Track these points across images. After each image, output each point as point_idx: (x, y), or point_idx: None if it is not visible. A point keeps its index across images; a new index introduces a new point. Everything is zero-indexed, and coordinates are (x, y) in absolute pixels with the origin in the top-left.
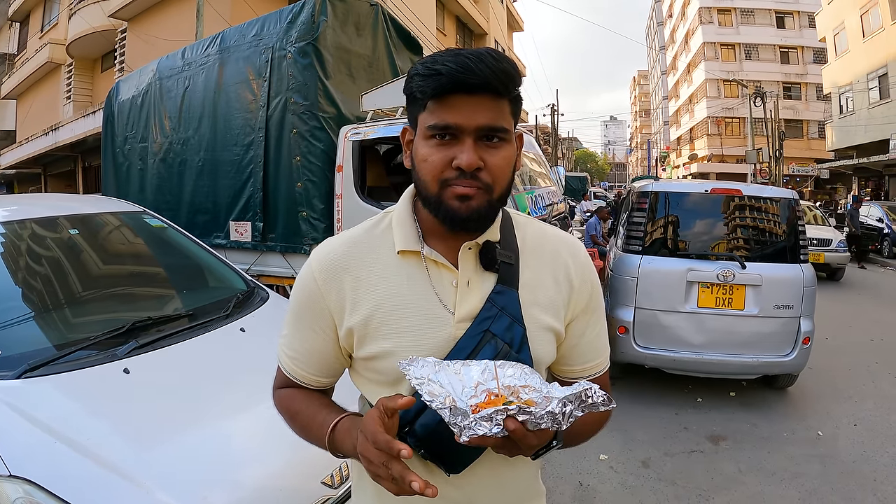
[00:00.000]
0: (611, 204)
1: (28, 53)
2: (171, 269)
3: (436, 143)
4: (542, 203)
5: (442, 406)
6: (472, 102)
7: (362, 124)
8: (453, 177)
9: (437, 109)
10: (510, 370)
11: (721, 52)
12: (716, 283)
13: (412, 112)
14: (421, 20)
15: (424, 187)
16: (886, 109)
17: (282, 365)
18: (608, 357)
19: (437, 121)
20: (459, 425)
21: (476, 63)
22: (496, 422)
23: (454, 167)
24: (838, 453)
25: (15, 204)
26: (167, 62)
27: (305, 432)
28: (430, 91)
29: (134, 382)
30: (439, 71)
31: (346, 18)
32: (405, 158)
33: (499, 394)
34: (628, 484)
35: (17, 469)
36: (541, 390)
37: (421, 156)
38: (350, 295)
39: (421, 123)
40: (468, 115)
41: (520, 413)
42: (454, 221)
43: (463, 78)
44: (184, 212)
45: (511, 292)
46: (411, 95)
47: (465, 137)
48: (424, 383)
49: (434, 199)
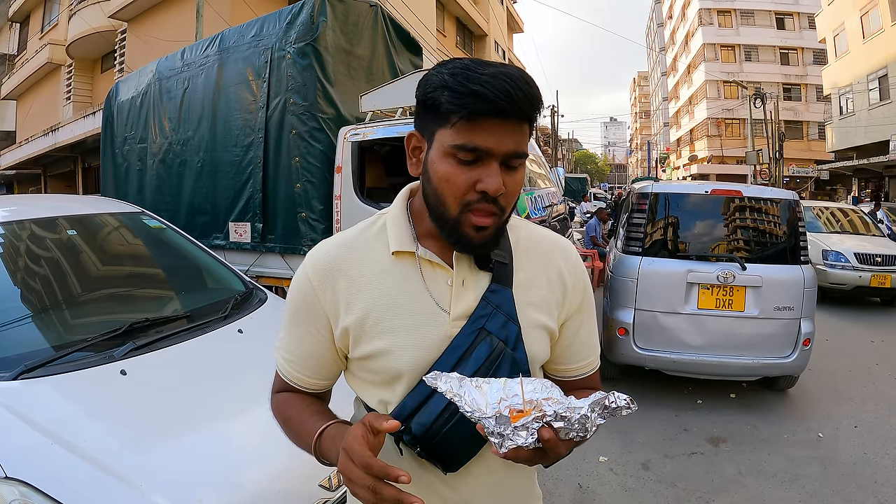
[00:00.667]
0: (610, 205)
1: (28, 54)
2: (169, 271)
3: (458, 164)
4: (543, 204)
5: (484, 416)
6: (503, 127)
7: (361, 125)
8: (475, 200)
9: (467, 130)
10: (529, 385)
11: (721, 53)
12: (716, 285)
13: (427, 121)
14: (421, 21)
15: (443, 206)
16: (886, 110)
17: (279, 369)
18: (598, 354)
19: (465, 142)
20: (501, 435)
21: (514, 89)
22: (531, 431)
23: (478, 191)
24: (839, 455)
25: (14, 204)
26: (166, 63)
27: (296, 437)
28: (465, 112)
29: (131, 384)
30: (478, 93)
31: (346, 19)
32: (410, 165)
33: (523, 409)
34: (628, 486)
35: (13, 471)
36: (563, 402)
37: (442, 174)
38: (344, 295)
39: (442, 139)
40: (498, 141)
41: (556, 420)
42: (466, 248)
43: (503, 106)
44: (183, 213)
45: (506, 291)
46: (433, 106)
47: (491, 161)
48: (457, 397)
49: (452, 221)
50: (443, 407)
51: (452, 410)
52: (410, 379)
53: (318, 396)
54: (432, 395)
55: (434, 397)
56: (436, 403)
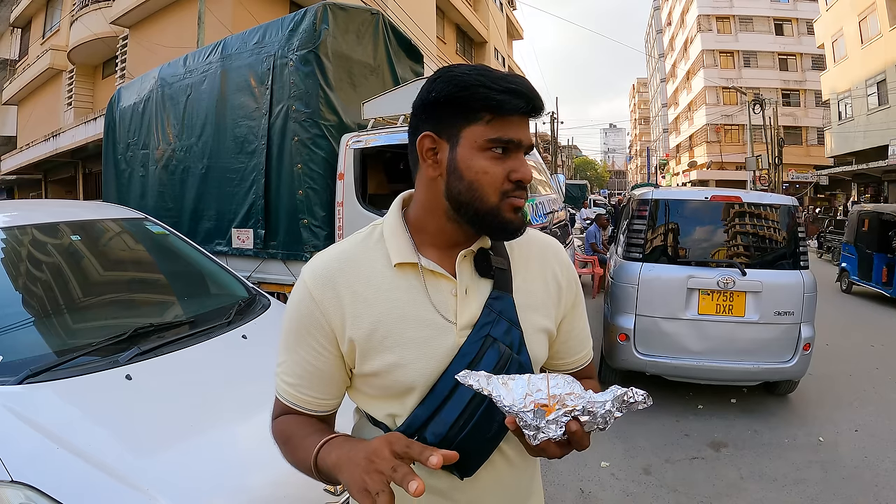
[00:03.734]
0: (610, 212)
1: (29, 59)
2: (172, 276)
3: (494, 156)
4: (543, 211)
5: (524, 410)
6: (524, 123)
7: (364, 132)
8: (511, 189)
9: (501, 125)
10: (553, 381)
11: (720, 59)
12: (716, 290)
13: (450, 121)
14: (421, 28)
15: (480, 199)
16: (885, 115)
17: (280, 395)
18: (591, 345)
19: (500, 135)
20: (537, 427)
21: (534, 90)
22: (560, 424)
23: (513, 180)
24: (840, 459)
25: (16, 210)
26: (169, 69)
27: (294, 453)
28: (505, 108)
29: (136, 389)
30: (515, 91)
31: (348, 27)
32: (425, 166)
33: (548, 403)
34: (630, 491)
35: (18, 475)
36: (585, 396)
37: (479, 167)
38: (350, 309)
39: (473, 135)
40: (525, 133)
41: (583, 414)
42: (508, 232)
43: (535, 102)
44: (186, 219)
45: (507, 297)
46: (461, 105)
47: (520, 153)
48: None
49: (492, 210)
50: (457, 416)
51: (466, 418)
52: (421, 391)
53: (324, 420)
54: (444, 405)
55: (447, 406)
56: (448, 413)
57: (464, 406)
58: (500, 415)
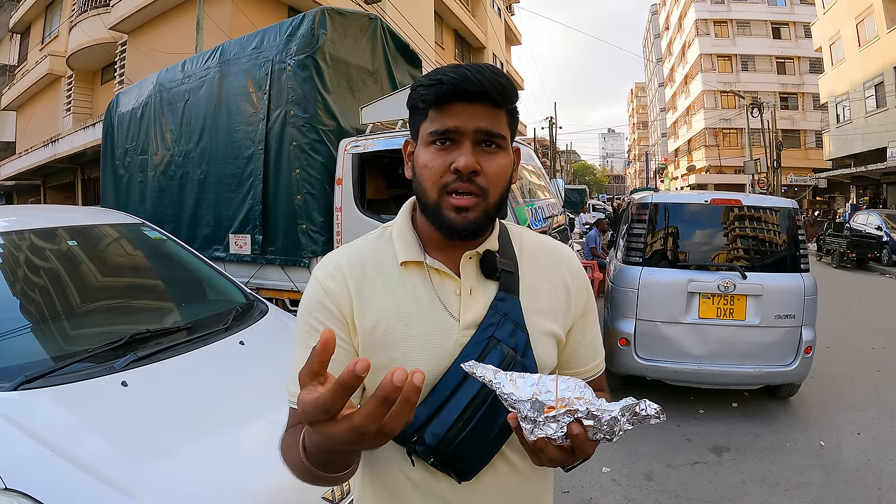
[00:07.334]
0: (609, 216)
1: (28, 65)
2: (170, 282)
3: (436, 149)
4: (542, 215)
5: (521, 399)
6: (472, 110)
7: (362, 137)
8: (451, 180)
9: (438, 116)
10: (563, 384)
11: (718, 63)
12: (717, 294)
13: (414, 123)
14: (419, 33)
15: (424, 194)
16: (883, 118)
17: (293, 402)
18: (604, 356)
19: (437, 126)
20: (533, 420)
21: (475, 74)
22: (561, 424)
23: (452, 171)
24: (842, 462)
25: (14, 215)
26: (167, 74)
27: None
28: (431, 99)
29: (132, 395)
30: (440, 80)
31: (346, 31)
32: (406, 169)
33: (554, 405)
34: (631, 497)
35: (12, 482)
36: (594, 402)
37: (422, 162)
38: (356, 302)
39: (422, 132)
40: (467, 120)
41: (587, 417)
42: (451, 231)
43: (462, 86)
44: (184, 224)
45: (513, 299)
46: (414, 106)
47: (464, 141)
48: (493, 384)
49: (433, 206)
50: (456, 416)
51: (466, 419)
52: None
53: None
54: (445, 405)
55: (447, 406)
56: (449, 413)
57: (464, 406)
58: (502, 417)
